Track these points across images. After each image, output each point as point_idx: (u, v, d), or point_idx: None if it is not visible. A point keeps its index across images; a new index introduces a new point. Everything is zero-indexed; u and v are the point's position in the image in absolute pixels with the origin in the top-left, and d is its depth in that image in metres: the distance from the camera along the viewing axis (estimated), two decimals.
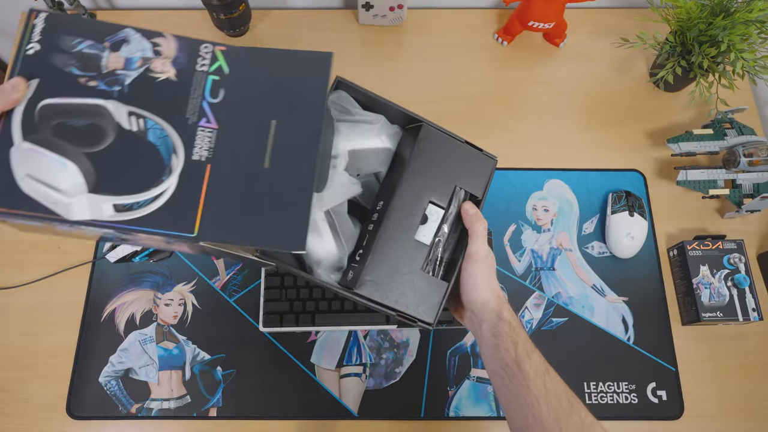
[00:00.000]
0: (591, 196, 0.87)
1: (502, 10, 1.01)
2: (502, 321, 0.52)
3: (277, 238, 0.45)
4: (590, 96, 0.94)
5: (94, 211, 0.43)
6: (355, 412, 0.74)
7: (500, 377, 0.51)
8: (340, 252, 0.55)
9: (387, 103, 0.59)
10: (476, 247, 0.54)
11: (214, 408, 0.74)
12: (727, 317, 0.75)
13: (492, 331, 0.52)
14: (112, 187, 0.44)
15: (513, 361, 0.50)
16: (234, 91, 0.48)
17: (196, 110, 0.47)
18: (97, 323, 0.77)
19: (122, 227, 0.44)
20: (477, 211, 0.56)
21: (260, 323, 0.75)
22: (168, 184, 0.45)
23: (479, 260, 0.54)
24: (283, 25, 0.99)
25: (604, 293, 0.81)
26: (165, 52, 0.47)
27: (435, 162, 0.57)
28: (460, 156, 0.58)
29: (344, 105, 0.58)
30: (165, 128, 0.46)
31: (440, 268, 0.56)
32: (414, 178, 0.56)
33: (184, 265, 0.81)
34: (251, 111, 0.48)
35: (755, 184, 0.82)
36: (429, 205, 0.56)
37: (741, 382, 0.77)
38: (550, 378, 0.50)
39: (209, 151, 0.46)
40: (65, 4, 0.93)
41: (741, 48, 0.76)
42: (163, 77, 0.47)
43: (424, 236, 0.55)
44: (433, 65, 0.96)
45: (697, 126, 0.91)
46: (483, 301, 0.53)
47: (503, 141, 0.90)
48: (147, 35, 0.47)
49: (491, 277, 0.55)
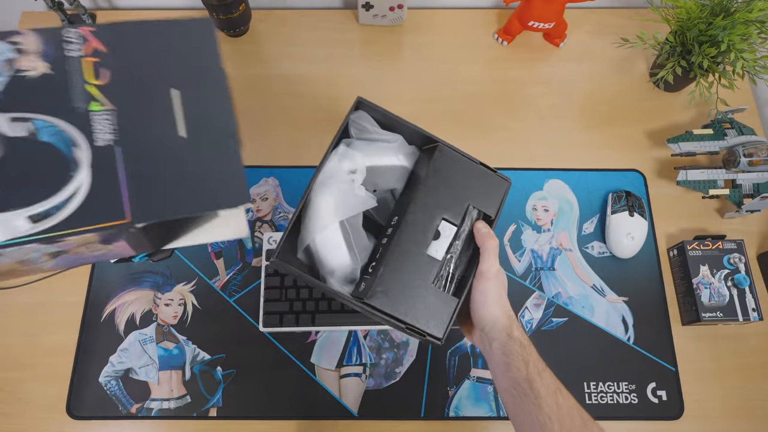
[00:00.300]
0: (591, 196, 0.87)
1: (502, 10, 1.01)
2: (512, 340, 0.52)
3: (217, 199, 0.44)
4: (590, 96, 0.94)
5: (6, 231, 0.40)
6: (355, 412, 0.74)
7: (511, 396, 0.51)
8: (353, 263, 0.56)
9: (405, 124, 0.60)
10: (487, 264, 0.54)
11: (214, 408, 0.74)
12: (727, 317, 0.75)
13: (502, 349, 0.52)
14: (19, 199, 0.41)
15: (524, 379, 0.50)
16: (121, 69, 0.46)
17: (82, 96, 0.45)
18: (97, 323, 0.77)
19: (46, 237, 0.40)
20: (489, 230, 0.56)
21: (260, 323, 0.75)
22: (80, 178, 0.43)
23: (490, 278, 0.54)
24: (283, 25, 0.99)
25: (604, 293, 0.81)
26: (28, 48, 0.45)
27: (449, 180, 0.58)
28: (474, 176, 0.59)
29: (364, 124, 0.59)
30: (55, 123, 0.44)
31: (451, 285, 0.56)
32: (428, 195, 0.57)
33: (184, 265, 0.81)
34: (147, 85, 0.47)
35: (755, 184, 0.82)
36: (442, 222, 0.56)
37: (741, 382, 0.77)
38: (562, 396, 0.50)
39: (114, 134, 0.44)
40: (65, 4, 0.93)
41: (741, 48, 0.76)
42: (36, 73, 0.45)
43: (436, 251, 0.56)
44: (433, 65, 0.96)
45: (697, 126, 0.91)
46: (493, 320, 0.53)
47: (503, 141, 0.90)
48: (1, 36, 0.45)
49: (501, 296, 0.55)
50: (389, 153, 0.60)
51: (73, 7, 0.93)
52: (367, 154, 0.59)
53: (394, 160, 0.60)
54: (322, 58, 0.96)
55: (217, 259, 0.81)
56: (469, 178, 0.58)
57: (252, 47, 0.97)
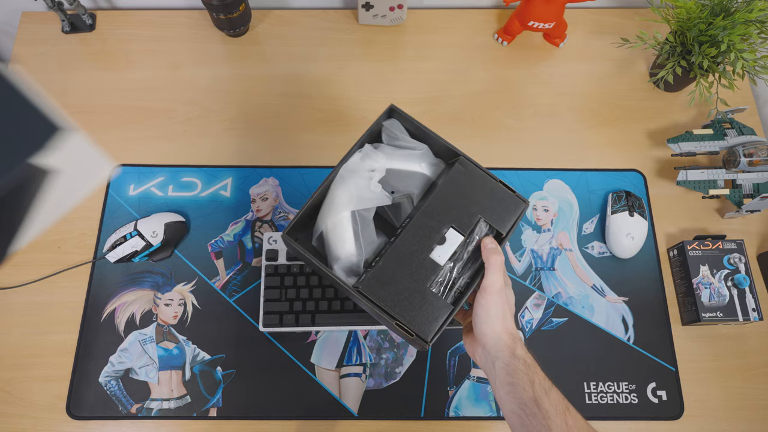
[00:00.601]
0: (591, 196, 0.87)
1: (502, 10, 1.01)
2: (516, 359, 0.51)
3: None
4: (590, 96, 0.94)
5: None
6: (355, 412, 0.74)
7: (518, 417, 0.49)
8: (358, 255, 0.57)
9: (434, 136, 0.61)
10: (490, 279, 0.53)
11: (214, 408, 0.74)
12: (727, 317, 0.75)
13: (506, 369, 0.51)
14: None
15: (531, 399, 0.49)
16: None
17: None
18: (97, 323, 0.77)
19: None
20: (496, 245, 0.56)
21: (260, 323, 0.75)
22: None
23: (493, 293, 0.53)
24: (283, 25, 0.99)
25: (604, 293, 0.81)
26: None
27: (465, 191, 0.58)
28: (491, 192, 0.59)
29: (394, 131, 0.61)
30: None
31: (450, 292, 0.56)
32: (440, 200, 0.57)
33: (184, 265, 0.81)
34: None
35: (755, 184, 0.82)
36: (450, 229, 0.57)
37: (741, 382, 0.77)
38: (571, 416, 0.49)
39: None
40: (65, 4, 0.93)
41: (741, 48, 0.76)
42: None
43: (439, 256, 0.56)
44: (433, 65, 0.96)
45: (697, 126, 0.91)
46: (495, 337, 0.52)
47: (503, 141, 0.90)
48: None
49: (505, 313, 0.53)
50: (413, 159, 0.61)
51: (73, 7, 0.93)
52: (390, 157, 0.60)
53: (416, 167, 0.61)
54: (322, 58, 0.96)
55: (217, 259, 0.81)
56: (485, 192, 0.59)
57: (252, 47, 0.97)
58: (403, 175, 0.61)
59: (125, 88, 0.93)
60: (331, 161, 0.87)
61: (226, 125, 0.90)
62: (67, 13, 0.95)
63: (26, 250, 0.81)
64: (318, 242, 0.61)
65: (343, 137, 0.89)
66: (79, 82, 0.93)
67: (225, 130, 0.90)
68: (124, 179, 0.86)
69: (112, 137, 0.89)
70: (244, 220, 0.84)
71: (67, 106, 0.91)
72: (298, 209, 0.84)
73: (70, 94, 0.92)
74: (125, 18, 0.98)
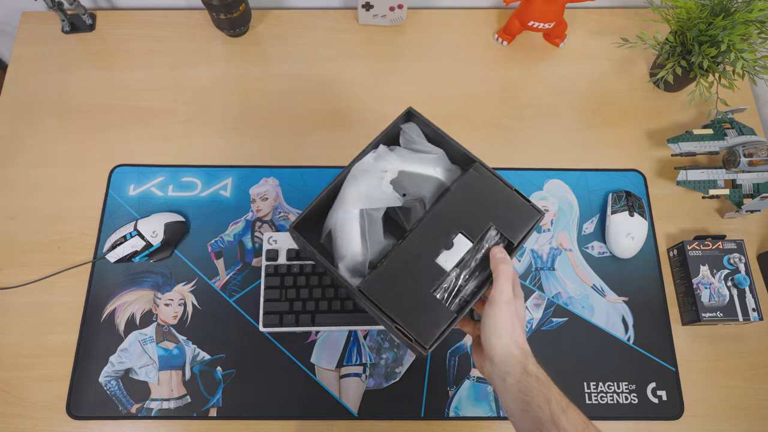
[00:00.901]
0: (591, 196, 0.87)
1: (502, 10, 1.01)
2: (529, 375, 0.49)
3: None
4: (590, 96, 0.94)
5: None
6: (355, 412, 0.74)
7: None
8: (363, 254, 0.56)
9: (451, 142, 0.60)
10: (498, 290, 0.52)
11: (214, 408, 0.74)
12: (727, 317, 0.75)
13: (518, 386, 0.49)
14: None
15: (548, 419, 0.47)
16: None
17: None
18: (97, 323, 0.77)
19: None
20: (505, 254, 0.54)
21: (260, 323, 0.75)
22: None
23: (501, 303, 0.51)
24: (283, 25, 0.99)
25: (604, 293, 0.81)
26: None
27: (477, 198, 0.57)
28: (505, 200, 0.57)
29: (411, 134, 0.61)
30: None
31: (454, 299, 0.54)
32: (451, 205, 0.56)
33: (184, 265, 0.81)
34: None
35: (755, 184, 0.82)
36: (459, 235, 0.55)
37: (741, 382, 0.77)
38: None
39: None
40: (65, 5, 0.93)
41: (741, 48, 0.76)
42: None
43: (446, 262, 0.55)
44: (433, 65, 0.96)
45: (697, 126, 0.91)
46: (504, 351, 0.50)
47: (503, 141, 0.90)
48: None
49: (515, 326, 0.51)
50: (427, 163, 0.60)
51: (73, 7, 0.93)
52: (404, 159, 0.60)
53: (429, 171, 0.60)
54: (322, 58, 0.96)
55: (217, 259, 0.81)
56: (499, 200, 0.57)
57: (252, 47, 0.97)
58: (415, 179, 0.60)
59: (125, 88, 0.93)
60: (331, 161, 0.87)
61: (226, 125, 0.90)
62: (67, 13, 0.95)
63: (26, 250, 0.82)
64: (326, 240, 0.61)
65: (344, 137, 0.89)
66: (79, 82, 0.93)
67: (225, 130, 0.90)
68: (124, 179, 0.86)
69: (112, 137, 0.89)
70: (244, 220, 0.84)
71: (67, 106, 0.91)
72: (298, 209, 0.84)
73: (70, 94, 0.92)
74: (125, 18, 0.98)
